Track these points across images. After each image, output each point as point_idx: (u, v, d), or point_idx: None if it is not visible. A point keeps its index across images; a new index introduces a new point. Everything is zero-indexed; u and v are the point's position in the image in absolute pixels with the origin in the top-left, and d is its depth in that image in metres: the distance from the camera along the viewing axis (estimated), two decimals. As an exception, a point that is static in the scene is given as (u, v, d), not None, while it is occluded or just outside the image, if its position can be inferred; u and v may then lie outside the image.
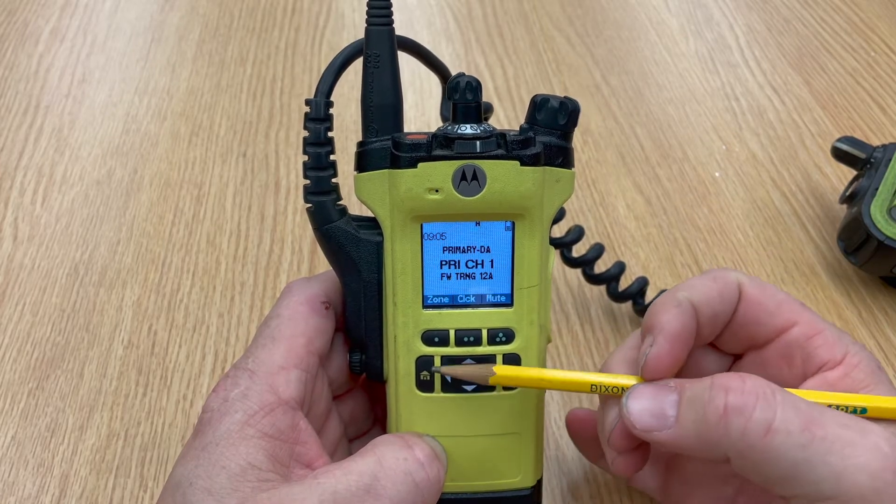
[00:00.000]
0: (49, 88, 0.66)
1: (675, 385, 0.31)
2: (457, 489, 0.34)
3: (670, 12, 0.77)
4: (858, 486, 0.27)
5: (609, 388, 0.32)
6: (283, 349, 0.32)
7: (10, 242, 0.53)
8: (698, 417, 0.29)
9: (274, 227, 0.54)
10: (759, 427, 0.28)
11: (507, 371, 0.33)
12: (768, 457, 0.28)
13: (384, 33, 0.33)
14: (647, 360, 0.32)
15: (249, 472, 0.29)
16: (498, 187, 0.31)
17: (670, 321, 0.32)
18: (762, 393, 0.28)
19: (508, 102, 0.66)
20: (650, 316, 0.33)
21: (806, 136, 0.63)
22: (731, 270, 0.35)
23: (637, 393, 0.31)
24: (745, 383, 0.29)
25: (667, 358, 0.32)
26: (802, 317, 0.34)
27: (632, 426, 0.31)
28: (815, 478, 0.27)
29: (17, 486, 0.40)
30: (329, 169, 0.33)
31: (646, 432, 0.30)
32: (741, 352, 0.36)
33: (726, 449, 0.29)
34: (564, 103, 0.32)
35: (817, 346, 0.33)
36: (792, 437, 0.28)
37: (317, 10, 0.77)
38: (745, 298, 0.34)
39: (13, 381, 0.45)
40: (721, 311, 0.34)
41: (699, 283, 0.34)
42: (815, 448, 0.27)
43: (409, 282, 0.33)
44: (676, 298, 0.33)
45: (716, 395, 0.29)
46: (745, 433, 0.28)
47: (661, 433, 0.30)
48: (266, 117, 0.64)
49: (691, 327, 0.33)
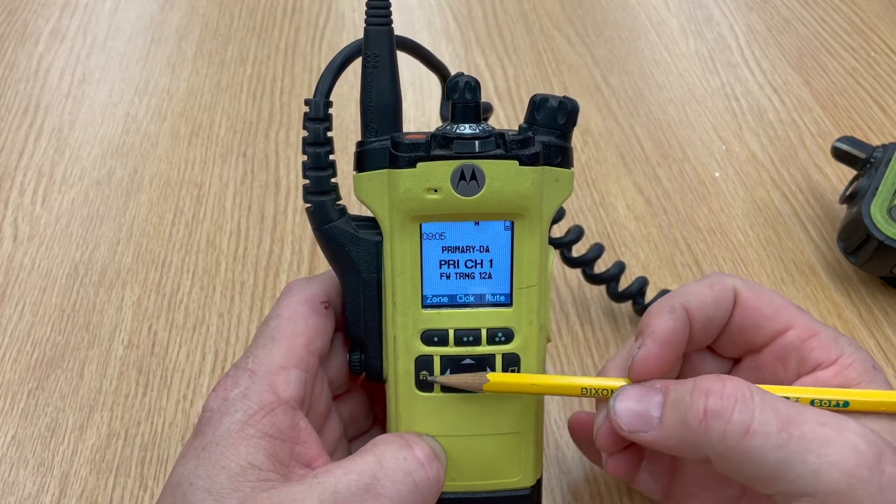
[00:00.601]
0: (49, 88, 0.66)
1: (660, 386, 0.31)
2: (456, 489, 0.34)
3: (670, 12, 0.77)
4: (834, 482, 0.27)
5: (599, 390, 0.33)
6: (283, 349, 0.32)
7: (10, 242, 0.53)
8: (681, 420, 0.30)
9: (274, 227, 0.54)
10: (737, 429, 0.28)
11: (500, 378, 0.33)
12: (748, 458, 0.28)
13: (383, 33, 0.33)
14: (634, 361, 0.32)
15: (249, 472, 0.29)
16: (497, 187, 0.31)
17: (660, 325, 0.33)
18: (741, 395, 0.29)
19: (508, 102, 0.66)
20: (643, 321, 0.34)
21: (806, 136, 0.63)
22: (728, 276, 0.35)
23: (624, 394, 0.32)
24: (725, 386, 0.29)
25: (654, 360, 0.32)
26: (798, 320, 0.34)
27: (618, 427, 0.31)
28: (793, 476, 0.28)
29: (17, 486, 0.40)
30: (328, 169, 0.33)
31: (631, 433, 0.31)
32: (739, 356, 0.36)
33: (707, 451, 0.29)
34: (563, 103, 0.32)
35: (812, 348, 0.34)
36: (770, 439, 0.28)
37: (317, 10, 0.77)
38: (740, 304, 0.35)
39: (13, 381, 0.45)
40: (716, 317, 0.34)
41: (695, 289, 0.34)
42: (792, 447, 0.28)
43: (408, 281, 0.33)
44: (671, 304, 0.34)
45: (696, 399, 0.29)
46: (725, 436, 0.29)
47: (645, 434, 0.31)
48: (266, 117, 0.64)
49: (682, 332, 0.33)
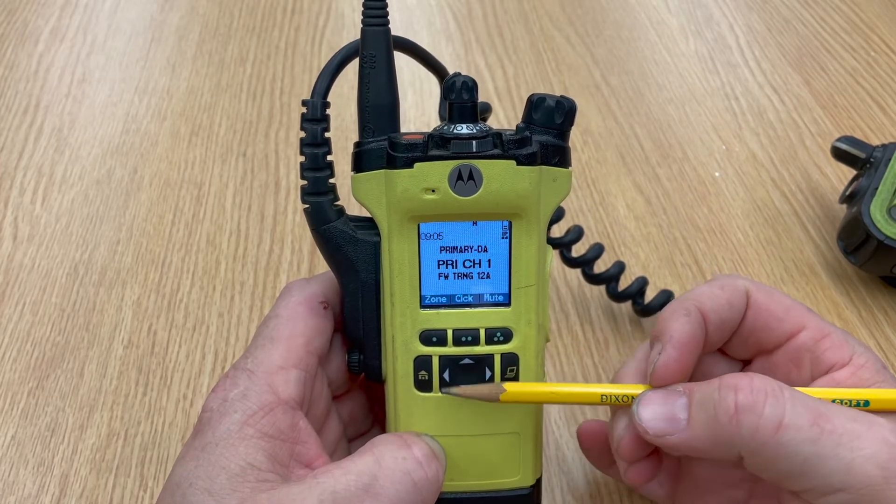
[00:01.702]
0: (49, 88, 0.66)
1: (683, 389, 0.31)
2: (456, 489, 0.34)
3: (670, 12, 0.77)
4: (868, 476, 0.28)
5: (619, 397, 0.33)
6: (282, 349, 0.32)
7: (10, 242, 0.53)
8: (710, 418, 0.29)
9: (274, 227, 0.54)
10: (770, 423, 0.28)
11: (516, 388, 0.33)
12: (780, 453, 0.28)
13: (380, 33, 0.33)
14: (655, 367, 0.32)
15: (249, 472, 0.29)
16: (494, 187, 0.31)
17: (679, 329, 0.33)
18: (771, 390, 0.29)
19: (508, 102, 0.66)
20: (659, 324, 0.34)
21: (806, 136, 0.63)
22: (739, 277, 0.35)
23: (647, 399, 0.31)
24: (754, 381, 0.29)
25: (675, 365, 0.32)
26: (810, 321, 0.34)
27: (644, 432, 0.31)
28: (825, 471, 0.28)
29: (17, 486, 0.40)
30: (326, 169, 0.33)
31: (658, 437, 0.31)
32: (750, 357, 0.36)
33: (739, 447, 0.29)
34: (561, 102, 0.32)
35: (825, 348, 0.34)
36: (802, 433, 0.28)
37: (317, 10, 0.77)
38: (753, 305, 0.34)
39: (13, 381, 0.45)
40: (729, 319, 0.34)
41: (707, 292, 0.34)
42: (824, 442, 0.28)
43: (406, 282, 0.33)
44: (685, 307, 0.33)
45: (726, 395, 0.29)
46: (757, 430, 0.28)
47: (673, 437, 0.30)
48: (266, 117, 0.64)
49: (699, 335, 0.33)
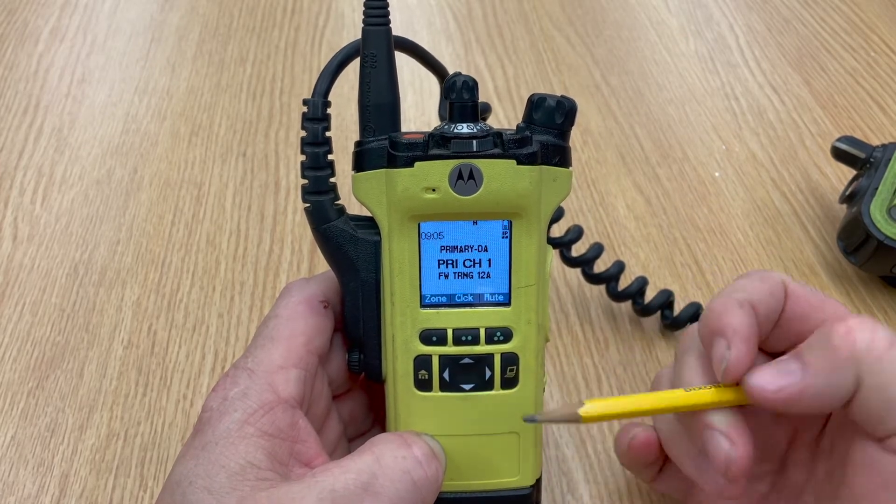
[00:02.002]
0: (49, 88, 0.66)
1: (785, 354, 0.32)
2: (455, 488, 0.34)
3: (670, 12, 0.77)
4: None
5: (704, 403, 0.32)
6: (282, 349, 0.32)
7: (10, 242, 0.53)
8: (825, 351, 0.30)
9: (274, 227, 0.54)
10: (884, 340, 0.30)
11: (597, 406, 0.32)
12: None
13: (381, 33, 0.33)
14: (729, 365, 0.32)
15: (249, 471, 0.29)
16: (495, 186, 0.31)
17: (741, 323, 0.32)
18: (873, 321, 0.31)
19: (508, 102, 0.66)
20: (713, 320, 0.33)
21: (806, 136, 0.63)
22: (773, 271, 0.35)
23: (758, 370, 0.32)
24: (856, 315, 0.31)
25: (746, 359, 0.32)
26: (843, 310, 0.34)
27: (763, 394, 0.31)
28: None
29: (17, 486, 0.40)
30: (326, 169, 0.33)
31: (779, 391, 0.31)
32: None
33: (857, 369, 0.30)
34: (561, 102, 0.32)
35: None
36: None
37: (317, 10, 0.77)
38: (791, 295, 0.34)
39: (13, 381, 0.45)
40: (773, 310, 0.34)
41: (750, 285, 0.34)
42: None
43: (406, 281, 0.33)
44: (736, 300, 0.33)
45: (836, 326, 0.30)
46: (872, 345, 0.29)
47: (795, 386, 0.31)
48: (266, 117, 0.64)
49: (756, 328, 0.33)
